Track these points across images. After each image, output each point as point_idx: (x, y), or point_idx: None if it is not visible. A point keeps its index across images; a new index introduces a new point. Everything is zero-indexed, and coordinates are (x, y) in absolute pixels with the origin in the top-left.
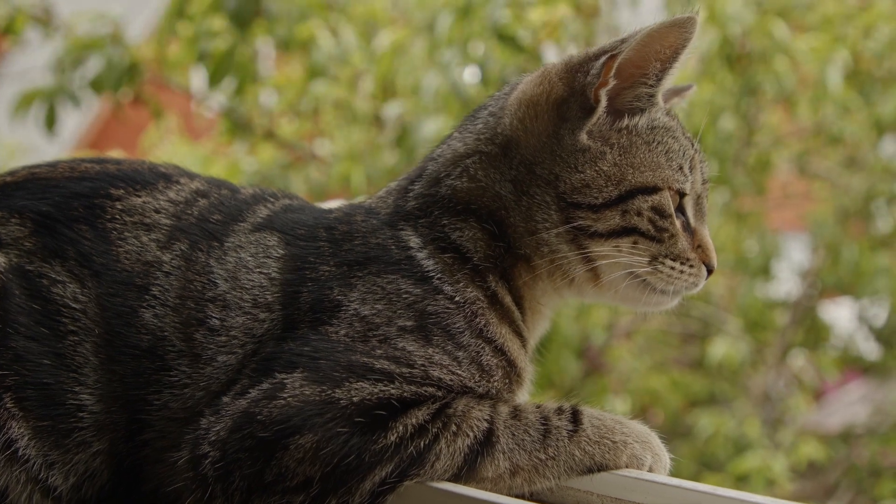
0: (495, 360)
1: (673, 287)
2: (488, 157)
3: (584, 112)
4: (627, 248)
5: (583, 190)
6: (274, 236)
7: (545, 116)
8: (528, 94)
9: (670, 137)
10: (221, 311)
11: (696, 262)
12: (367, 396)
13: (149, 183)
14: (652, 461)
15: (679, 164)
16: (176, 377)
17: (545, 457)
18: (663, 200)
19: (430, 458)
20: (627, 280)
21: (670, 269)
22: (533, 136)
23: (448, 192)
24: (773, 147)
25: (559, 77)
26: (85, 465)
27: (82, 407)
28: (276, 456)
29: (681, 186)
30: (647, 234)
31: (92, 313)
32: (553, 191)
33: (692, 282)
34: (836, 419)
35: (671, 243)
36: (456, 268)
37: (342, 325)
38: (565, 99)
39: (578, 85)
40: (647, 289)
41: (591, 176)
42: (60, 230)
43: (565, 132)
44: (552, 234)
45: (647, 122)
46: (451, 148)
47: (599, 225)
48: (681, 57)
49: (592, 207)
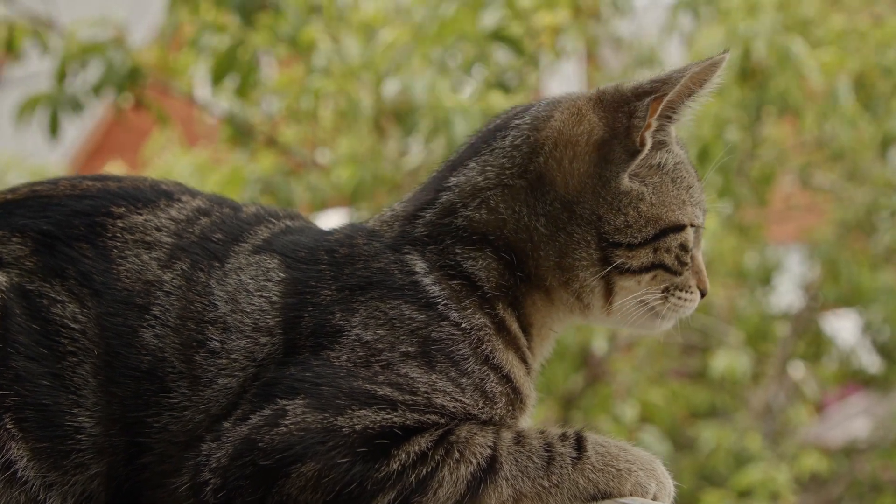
0: (500, 387)
1: (676, 314)
2: (513, 190)
3: (629, 154)
4: (647, 281)
5: (624, 231)
6: (275, 259)
7: (586, 157)
8: (566, 134)
9: (685, 171)
10: (222, 333)
11: (694, 287)
12: (370, 425)
13: (150, 201)
14: (656, 489)
15: (697, 199)
16: (176, 399)
17: (549, 484)
18: (688, 237)
19: (433, 485)
20: (637, 308)
21: (678, 298)
22: (572, 176)
23: (464, 223)
24: (776, 160)
25: (597, 115)
26: (83, 487)
27: (80, 429)
28: (278, 484)
29: (699, 222)
30: (671, 269)
31: (91, 333)
32: (595, 231)
33: (691, 307)
34: (838, 432)
35: (686, 276)
36: (464, 294)
37: (344, 351)
38: (607, 140)
39: (621, 127)
40: (655, 317)
41: (634, 217)
42: (61, 249)
43: (610, 174)
44: (589, 272)
45: (672, 159)
46: (469, 180)
47: (633, 262)
48: (705, 90)
49: (630, 247)
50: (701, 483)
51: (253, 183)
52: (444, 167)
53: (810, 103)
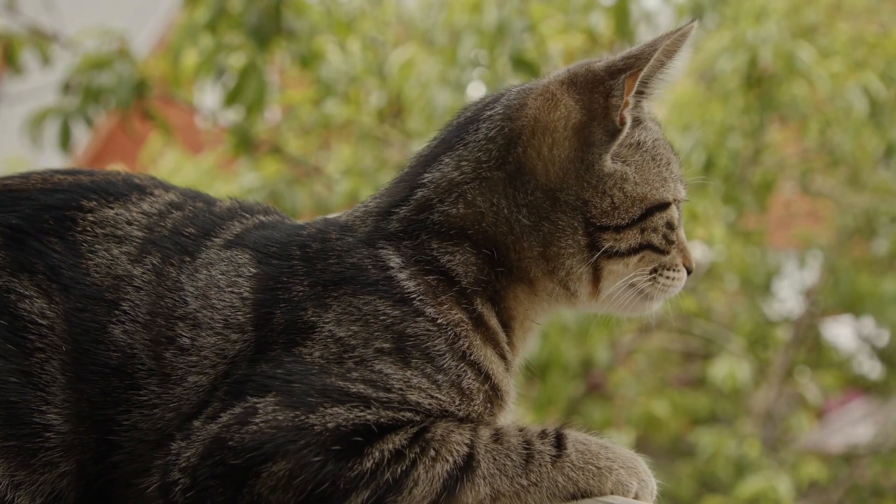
0: (477, 383)
1: (665, 294)
2: (490, 182)
3: (609, 136)
4: (634, 263)
5: (611, 213)
6: (246, 254)
7: (566, 143)
8: (542, 122)
9: (664, 148)
10: (192, 329)
11: (681, 266)
12: (343, 422)
13: (122, 194)
14: (638, 487)
15: (677, 174)
16: (145, 397)
17: (527, 482)
18: (673, 214)
19: (408, 484)
20: (626, 292)
21: (666, 278)
22: (553, 163)
23: (440, 218)
24: (778, 166)
25: (573, 99)
26: (51, 486)
27: (49, 427)
28: (248, 483)
29: (682, 197)
30: (658, 248)
31: (60, 329)
32: (581, 216)
33: (678, 286)
34: (839, 438)
35: (672, 255)
36: (441, 290)
37: (316, 347)
38: (586, 123)
39: (599, 107)
40: (644, 298)
41: (620, 199)
42: (30, 243)
43: (592, 157)
44: (576, 258)
45: (650, 136)
46: (444, 176)
47: (621, 245)
48: (675, 62)
49: (618, 229)
50: (701, 490)
51: (257, 191)
52: (416, 163)
53: (816, 111)
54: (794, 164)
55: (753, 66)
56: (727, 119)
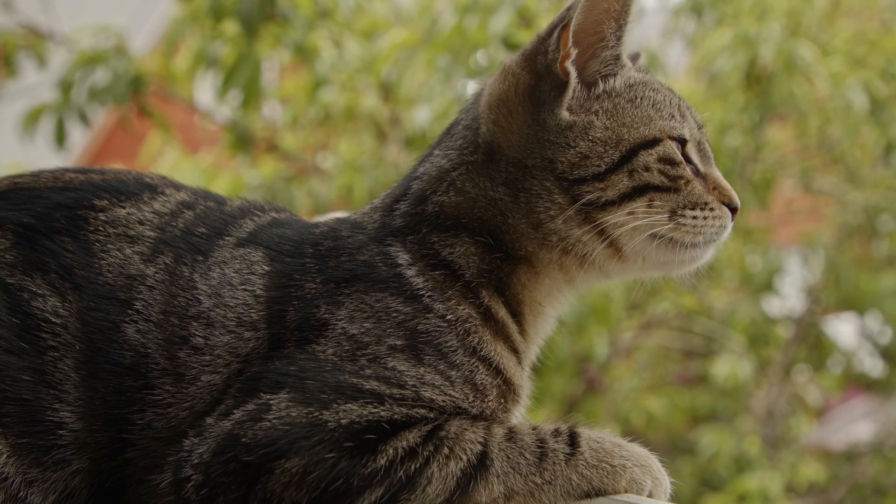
0: (490, 379)
1: (702, 237)
2: (474, 166)
3: (558, 90)
4: (643, 209)
5: (582, 163)
6: (259, 252)
7: (519, 109)
8: (496, 95)
9: (650, 90)
10: (205, 328)
11: (716, 203)
12: (356, 419)
13: (133, 194)
14: (652, 485)
15: (669, 112)
16: (160, 396)
17: (541, 481)
18: (667, 149)
19: (422, 482)
20: (653, 243)
21: (693, 218)
22: (513, 133)
23: (435, 209)
24: (778, 164)
25: (520, 67)
26: (64, 484)
27: (62, 424)
28: (262, 480)
29: (679, 132)
30: (662, 187)
31: (73, 328)
32: (551, 175)
33: (719, 224)
34: (840, 436)
35: (688, 191)
36: (447, 285)
37: (330, 344)
38: (534, 85)
39: (542, 66)
40: (676, 246)
41: (587, 146)
42: (42, 242)
43: (546, 115)
44: (559, 220)
45: (623, 82)
46: (434, 165)
47: (609, 192)
48: (632, 10)
49: (598, 177)
50: (701, 488)
51: (254, 189)
52: (416, 161)
53: (815, 108)
54: (794, 161)
55: (753, 65)
56: (726, 117)
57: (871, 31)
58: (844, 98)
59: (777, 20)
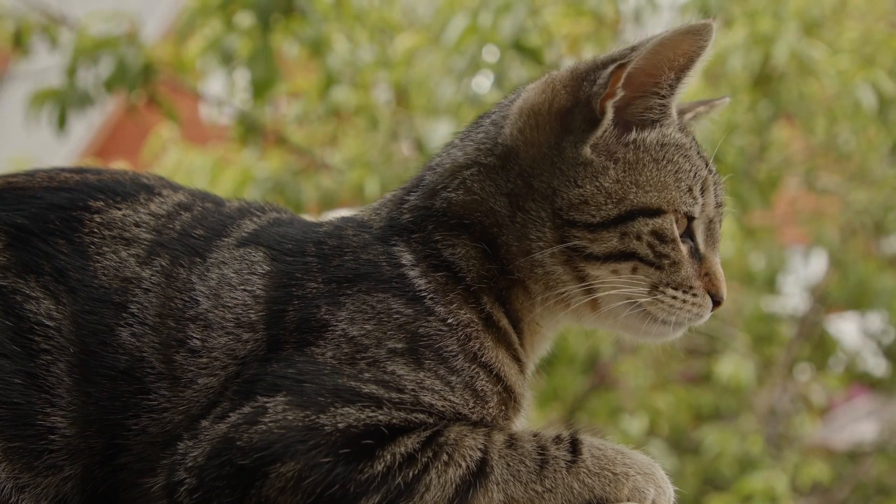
0: (490, 385)
1: (675, 318)
2: (487, 168)
3: (589, 124)
4: (627, 274)
5: (580, 206)
6: (259, 251)
7: (547, 127)
8: (529, 103)
9: (681, 156)
10: (203, 330)
11: (701, 291)
12: (354, 423)
13: (130, 195)
14: (655, 494)
15: (689, 185)
16: (155, 401)
17: (542, 489)
18: (665, 224)
19: (420, 489)
20: (628, 309)
21: (671, 298)
22: (533, 147)
23: (443, 205)
24: (784, 163)
25: (563, 86)
26: (56, 490)
27: (54, 429)
28: (256, 485)
29: (688, 210)
30: (646, 260)
31: (66, 331)
32: (549, 206)
33: (695, 312)
34: (843, 435)
35: (672, 270)
36: (449, 288)
37: (329, 347)
38: (569, 109)
39: (584, 95)
40: (648, 319)
41: (591, 192)
42: (36, 244)
43: (568, 144)
44: (546, 253)
45: (658, 138)
46: (450, 157)
47: (595, 247)
48: (696, 65)
49: (589, 227)
50: (705, 487)
51: (263, 182)
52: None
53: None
54: (800, 161)
55: (765, 64)
56: (734, 117)
57: (878, 32)
58: (853, 97)
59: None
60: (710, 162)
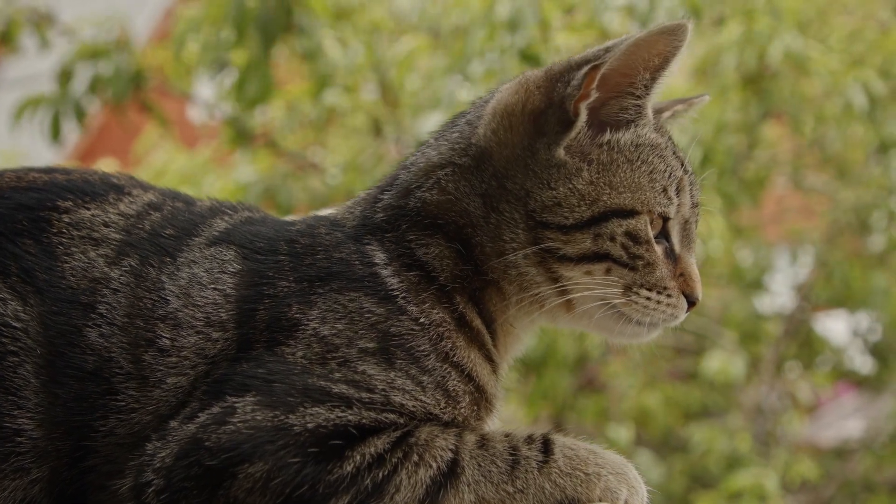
0: (462, 385)
1: (649, 319)
2: (461, 168)
3: (563, 126)
4: (601, 275)
5: (553, 208)
6: (231, 250)
7: (520, 128)
8: (503, 104)
9: (657, 156)
10: (172, 330)
11: (675, 292)
12: (323, 423)
13: (98, 195)
14: (628, 494)
15: (664, 185)
16: (123, 402)
17: (513, 489)
18: (639, 225)
19: (390, 489)
20: (602, 310)
21: (646, 299)
22: (506, 147)
23: (417, 204)
24: (771, 162)
25: (537, 86)
26: (23, 493)
27: (20, 431)
28: (224, 485)
29: (663, 210)
30: (620, 261)
31: (34, 332)
32: (523, 208)
33: (670, 313)
34: (830, 432)
35: (646, 272)
36: (421, 287)
37: (299, 346)
38: (543, 110)
39: (557, 96)
40: (622, 320)
41: (564, 194)
42: (3, 244)
43: (541, 146)
44: (519, 255)
45: (632, 139)
46: (424, 156)
47: (569, 248)
48: (671, 66)
49: (562, 228)
50: (693, 485)
51: (252, 185)
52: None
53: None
54: (787, 159)
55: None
56: (723, 116)
57: (868, 30)
58: (844, 96)
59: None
60: (686, 162)
